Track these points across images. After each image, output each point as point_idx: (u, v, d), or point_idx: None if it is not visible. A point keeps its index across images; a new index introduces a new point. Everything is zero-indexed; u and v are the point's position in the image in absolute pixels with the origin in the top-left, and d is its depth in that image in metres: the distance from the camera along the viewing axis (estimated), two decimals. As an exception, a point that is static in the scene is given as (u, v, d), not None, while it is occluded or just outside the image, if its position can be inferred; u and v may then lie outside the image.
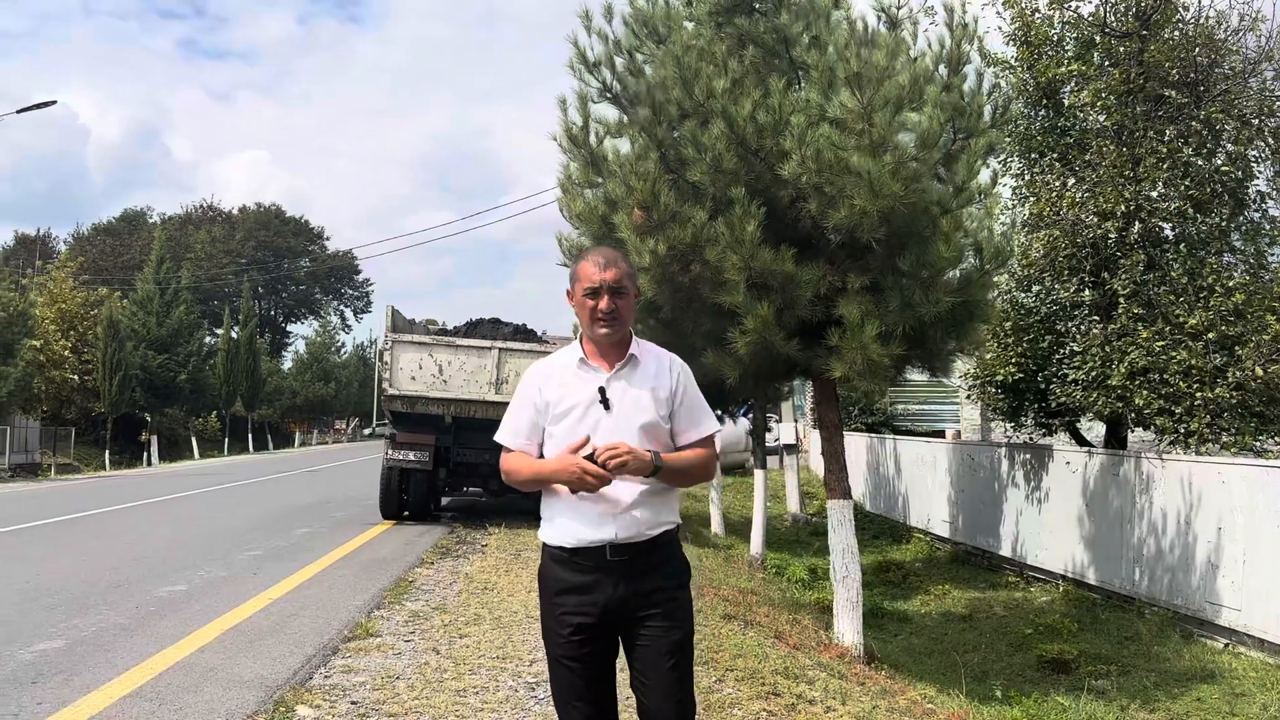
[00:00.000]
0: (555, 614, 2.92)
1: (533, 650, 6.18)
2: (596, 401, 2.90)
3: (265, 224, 73.29)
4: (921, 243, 6.77)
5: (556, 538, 2.93)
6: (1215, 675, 7.74)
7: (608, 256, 2.97)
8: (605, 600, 2.86)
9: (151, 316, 43.64)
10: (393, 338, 12.98)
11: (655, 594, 2.89)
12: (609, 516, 2.86)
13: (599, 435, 2.85)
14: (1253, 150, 10.97)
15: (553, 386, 2.97)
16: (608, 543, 2.85)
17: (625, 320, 2.94)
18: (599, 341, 2.96)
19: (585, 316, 2.94)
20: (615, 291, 2.91)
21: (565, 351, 3.07)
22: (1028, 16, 11.82)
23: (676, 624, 2.91)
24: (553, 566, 2.95)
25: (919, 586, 11.67)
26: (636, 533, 2.87)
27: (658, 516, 2.92)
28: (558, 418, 2.92)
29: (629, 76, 7.58)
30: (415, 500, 13.91)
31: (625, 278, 2.94)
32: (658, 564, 2.93)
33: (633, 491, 2.87)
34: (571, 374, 2.97)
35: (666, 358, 3.05)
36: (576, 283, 2.96)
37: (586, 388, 2.92)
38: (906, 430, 22.63)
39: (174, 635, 6.51)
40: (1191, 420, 9.64)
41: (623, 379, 2.94)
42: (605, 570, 2.87)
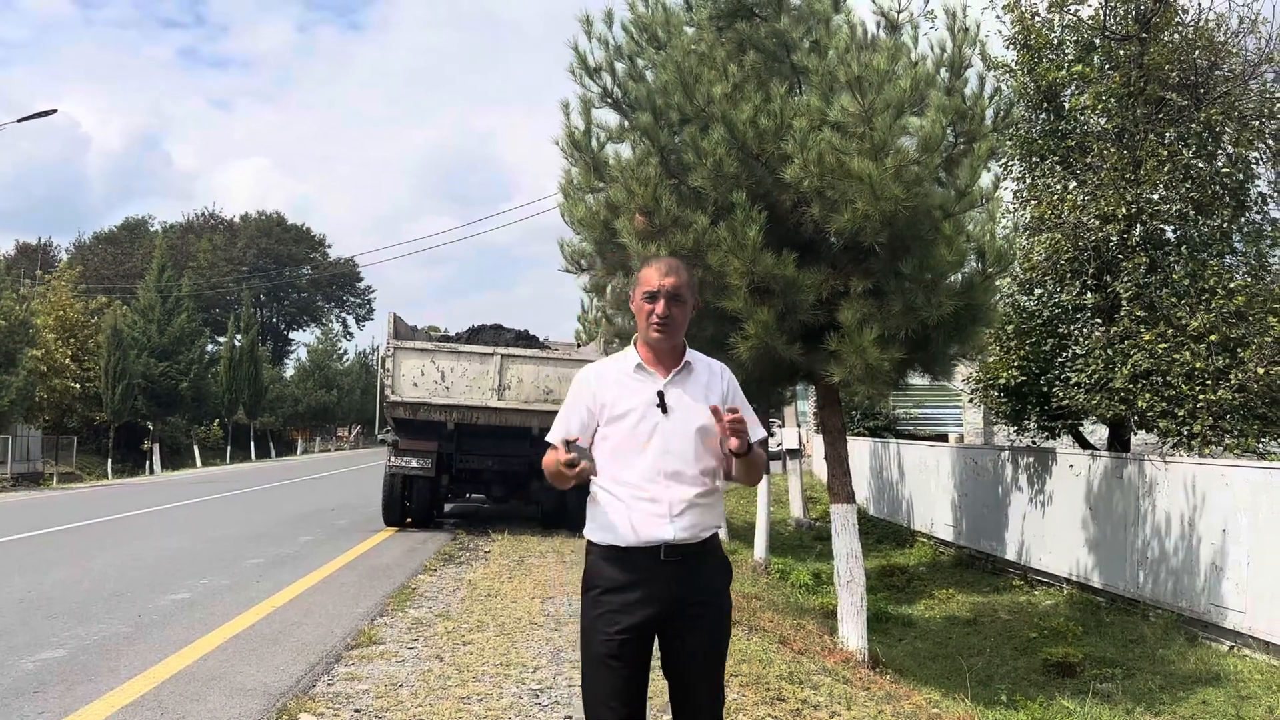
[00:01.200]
0: (601, 612, 2.94)
1: (536, 657, 6.17)
2: (654, 405, 2.97)
3: (267, 231, 73.37)
4: (924, 246, 6.76)
5: (608, 537, 2.97)
6: (1220, 678, 7.71)
7: (670, 264, 3.05)
8: (656, 600, 2.90)
9: (153, 325, 43.66)
10: (395, 344, 12.99)
11: (704, 595, 2.97)
12: (666, 518, 2.91)
13: (657, 438, 2.94)
14: (1253, 152, 10.97)
15: (609, 388, 3.03)
16: (664, 543, 2.90)
17: (679, 327, 3.01)
18: (654, 346, 3.03)
19: (642, 320, 3.02)
20: (673, 298, 2.98)
21: (620, 357, 3.13)
22: (1028, 20, 11.83)
23: (721, 625, 3.01)
24: (602, 565, 2.98)
25: (923, 591, 11.64)
26: (691, 535, 2.93)
27: (707, 520, 2.99)
28: (614, 419, 2.98)
29: (630, 81, 7.58)
30: (418, 507, 13.91)
31: (684, 287, 3.01)
32: (707, 566, 2.99)
33: (687, 494, 2.93)
34: (628, 378, 3.04)
35: (716, 365, 3.14)
36: (637, 287, 3.05)
37: (644, 392, 2.99)
38: (909, 434, 22.60)
39: (176, 644, 6.50)
40: (1194, 422, 9.62)
41: (678, 385, 3.02)
42: (657, 570, 2.91)
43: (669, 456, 2.94)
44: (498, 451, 13.58)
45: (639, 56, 7.69)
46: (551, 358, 13.44)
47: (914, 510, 16.27)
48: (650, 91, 7.18)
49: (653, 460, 2.94)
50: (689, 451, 2.96)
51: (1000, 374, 11.83)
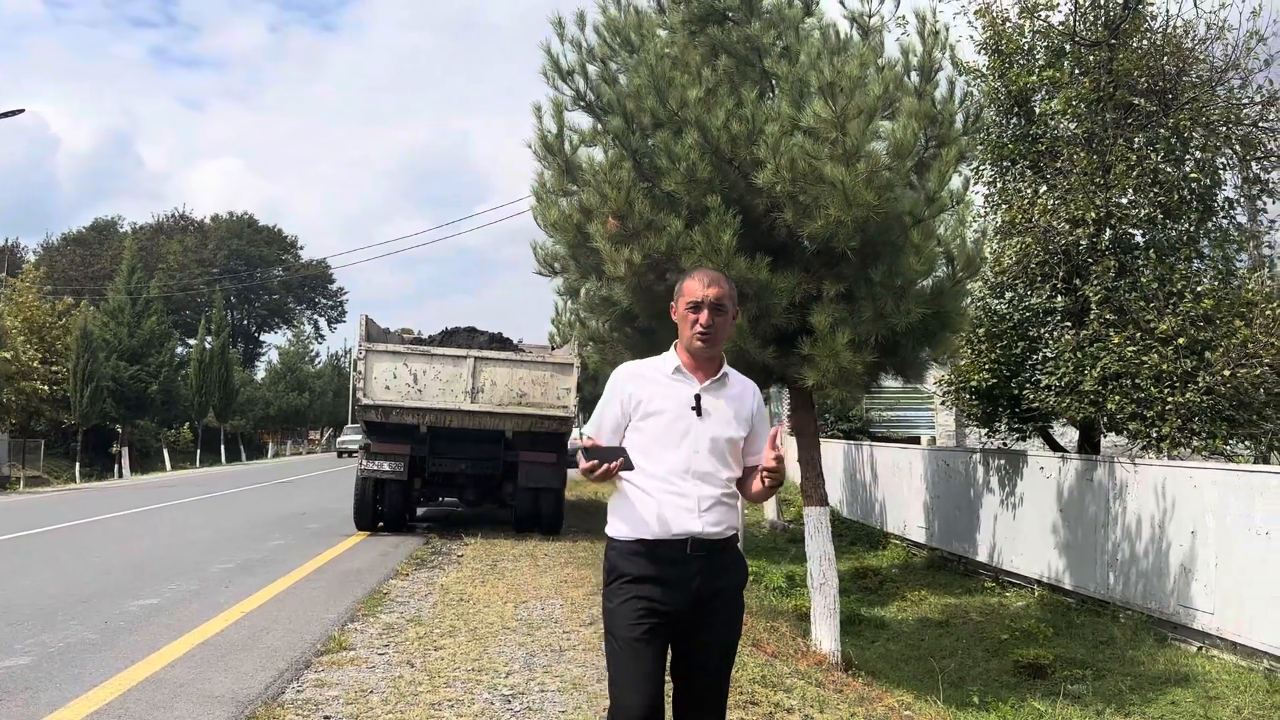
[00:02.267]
0: (628, 597, 3.02)
1: (509, 662, 6.14)
2: (690, 407, 3.09)
3: (238, 233, 72.74)
4: (894, 252, 6.79)
5: (636, 530, 3.05)
6: (1189, 678, 7.79)
7: (712, 276, 3.18)
8: (679, 593, 3.00)
9: (123, 327, 43.20)
10: (367, 347, 12.90)
11: (724, 592, 3.08)
12: (694, 513, 3.02)
13: (690, 438, 3.06)
14: (1220, 158, 11.11)
15: (644, 386, 3.14)
16: (691, 536, 3.01)
17: (722, 336, 3.15)
18: (696, 354, 3.15)
19: (685, 329, 3.14)
20: (715, 308, 3.10)
21: (658, 359, 3.25)
22: (999, 25, 11.93)
23: (735, 622, 3.14)
24: (628, 559, 3.05)
25: (895, 593, 11.69)
26: (717, 531, 3.05)
27: (730, 519, 3.12)
28: (648, 415, 3.09)
29: (603, 85, 7.57)
30: (390, 511, 13.83)
31: (726, 298, 3.14)
32: (729, 564, 3.12)
33: (714, 493, 3.06)
34: (665, 379, 3.15)
35: (750, 384, 3.27)
36: (681, 298, 3.17)
37: (681, 394, 3.11)
38: (883, 437, 22.71)
39: (144, 650, 6.42)
40: (1163, 424, 9.72)
41: (713, 393, 3.14)
42: (684, 564, 3.01)
43: (699, 457, 3.06)
44: (471, 455, 13.52)
45: (611, 60, 7.68)
46: (525, 361, 13.40)
47: (887, 512, 16.35)
48: (623, 95, 7.17)
49: (684, 458, 3.05)
50: (717, 455, 3.08)
51: (972, 377, 11.91)
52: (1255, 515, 7.90)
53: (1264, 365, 9.43)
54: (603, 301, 8.34)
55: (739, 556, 3.23)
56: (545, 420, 13.03)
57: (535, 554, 11.48)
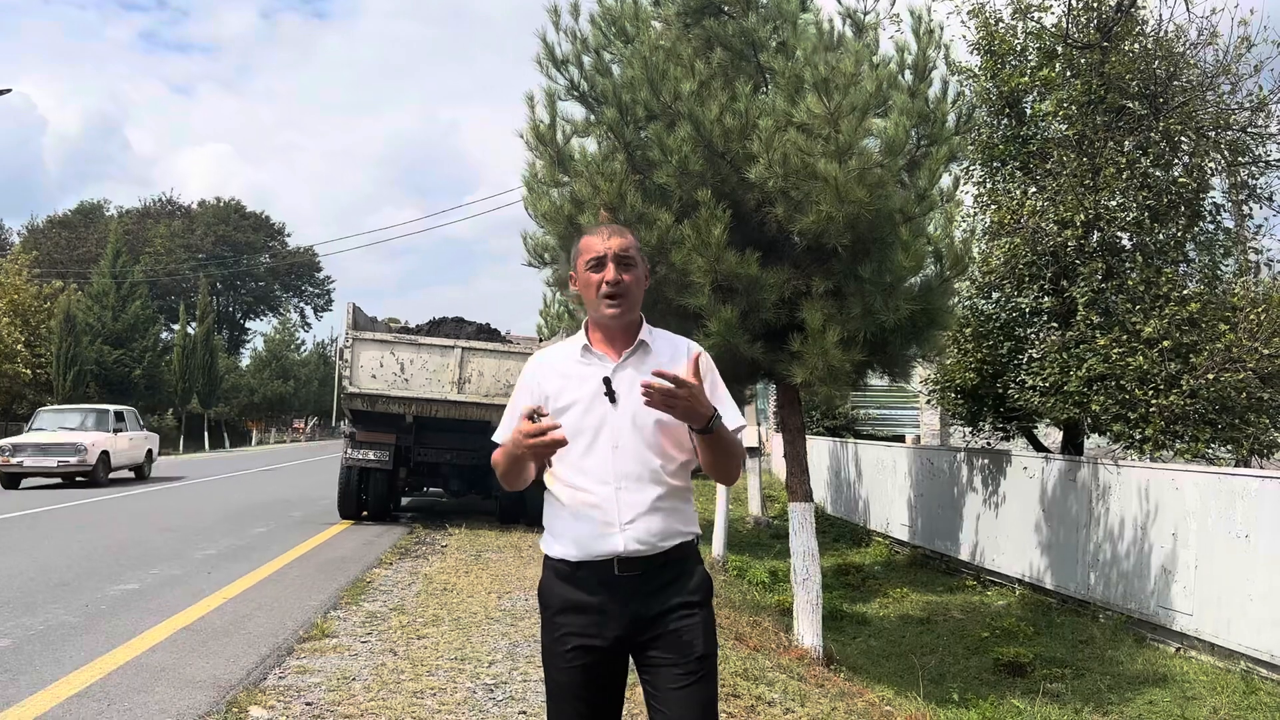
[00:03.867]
0: (556, 635, 2.59)
1: (491, 652, 6.14)
2: (601, 394, 2.55)
3: (225, 219, 72.37)
4: (884, 249, 6.80)
5: (559, 550, 2.61)
6: (1167, 679, 7.85)
7: (613, 228, 2.67)
8: (614, 622, 2.54)
9: (107, 311, 42.92)
10: (353, 335, 12.86)
11: (671, 613, 2.56)
12: (615, 526, 2.52)
13: (605, 432, 2.55)
14: (1209, 163, 11.16)
15: (553, 378, 2.64)
16: (615, 556, 2.52)
17: (634, 297, 2.61)
18: (606, 325, 2.62)
19: (591, 295, 2.61)
20: (622, 262, 2.59)
21: (569, 341, 2.75)
22: (992, 26, 11.95)
23: (694, 645, 2.57)
24: (554, 582, 2.62)
25: (878, 589, 11.73)
26: (648, 545, 2.53)
27: (672, 526, 2.57)
28: (559, 413, 2.56)
29: (596, 75, 7.55)
30: (374, 500, 13.81)
31: (633, 248, 2.62)
32: (672, 580, 2.58)
33: (643, 498, 2.54)
34: (574, 364, 2.64)
35: (683, 343, 2.72)
36: (579, 257, 2.64)
37: (591, 379, 2.58)
38: (868, 434, 22.79)
39: (125, 634, 6.40)
40: (1146, 426, 9.78)
41: (631, 368, 2.59)
42: (613, 587, 2.53)
43: (620, 454, 2.54)
44: (457, 445, 13.51)
45: (606, 50, 7.66)
46: (513, 352, 13.38)
47: (871, 510, 16.40)
48: (617, 86, 7.16)
49: (601, 459, 2.54)
50: (644, 447, 2.55)
51: (957, 376, 11.96)
52: (1235, 518, 7.96)
53: (1247, 370, 9.50)
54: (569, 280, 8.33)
55: (691, 568, 2.64)
56: (532, 412, 13.00)
57: (519, 545, 11.48)
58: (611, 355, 2.63)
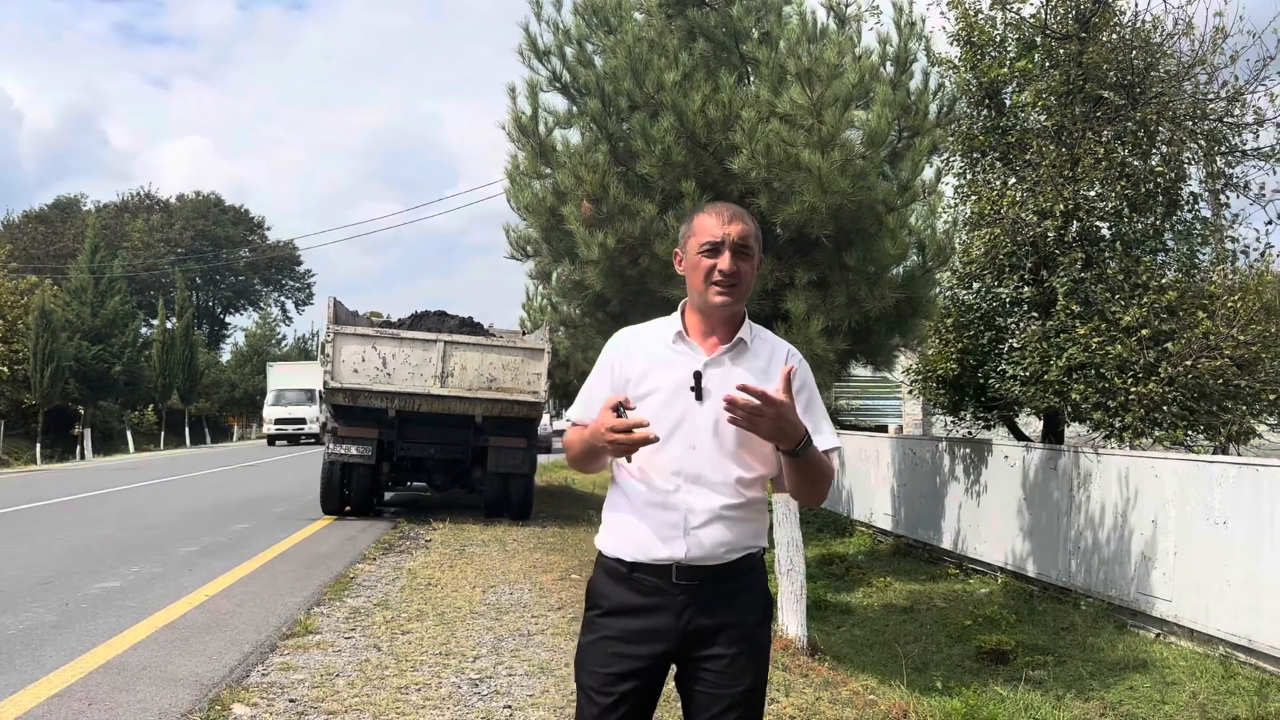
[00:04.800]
0: (597, 638, 2.43)
1: (476, 646, 6.13)
2: (688, 388, 2.37)
3: (204, 213, 71.82)
4: (867, 239, 6.82)
5: (615, 548, 2.45)
6: (1147, 664, 7.92)
7: (733, 210, 2.46)
8: (662, 634, 2.39)
9: (85, 307, 42.53)
10: (334, 329, 12.80)
11: (726, 630, 2.40)
12: (679, 531, 2.36)
13: (684, 430, 2.37)
14: (1186, 152, 11.23)
15: (639, 360, 2.46)
16: (674, 562, 2.36)
17: (746, 289, 2.43)
18: (710, 314, 2.43)
19: (698, 280, 2.41)
20: (740, 251, 2.39)
21: (660, 323, 2.54)
22: (971, 17, 11.98)
23: (747, 669, 2.42)
24: (606, 581, 2.46)
25: (861, 579, 11.78)
26: (710, 554, 2.37)
27: (739, 538, 2.42)
28: (639, 398, 2.38)
29: (579, 66, 7.52)
30: (357, 495, 13.76)
31: (752, 237, 2.43)
32: (733, 594, 2.43)
33: (712, 504, 2.38)
34: (664, 348, 2.46)
35: (783, 349, 2.52)
36: (691, 238, 2.45)
37: (679, 369, 2.40)
38: (851, 425, 22.86)
39: (106, 633, 6.35)
40: (1126, 414, 9.86)
41: (724, 365, 2.41)
42: (668, 595, 2.37)
43: (694, 455, 2.38)
44: (440, 439, 13.48)
45: (588, 41, 7.64)
46: (496, 345, 13.36)
47: (854, 500, 16.47)
48: (600, 77, 7.14)
49: (675, 457, 2.37)
50: (722, 451, 2.38)
51: (939, 366, 12.01)
52: (1214, 505, 8.04)
53: (1224, 357, 9.58)
54: (575, 286, 8.31)
55: (755, 584, 2.48)
56: (516, 405, 13.00)
57: (504, 539, 11.47)
58: (707, 348, 2.45)
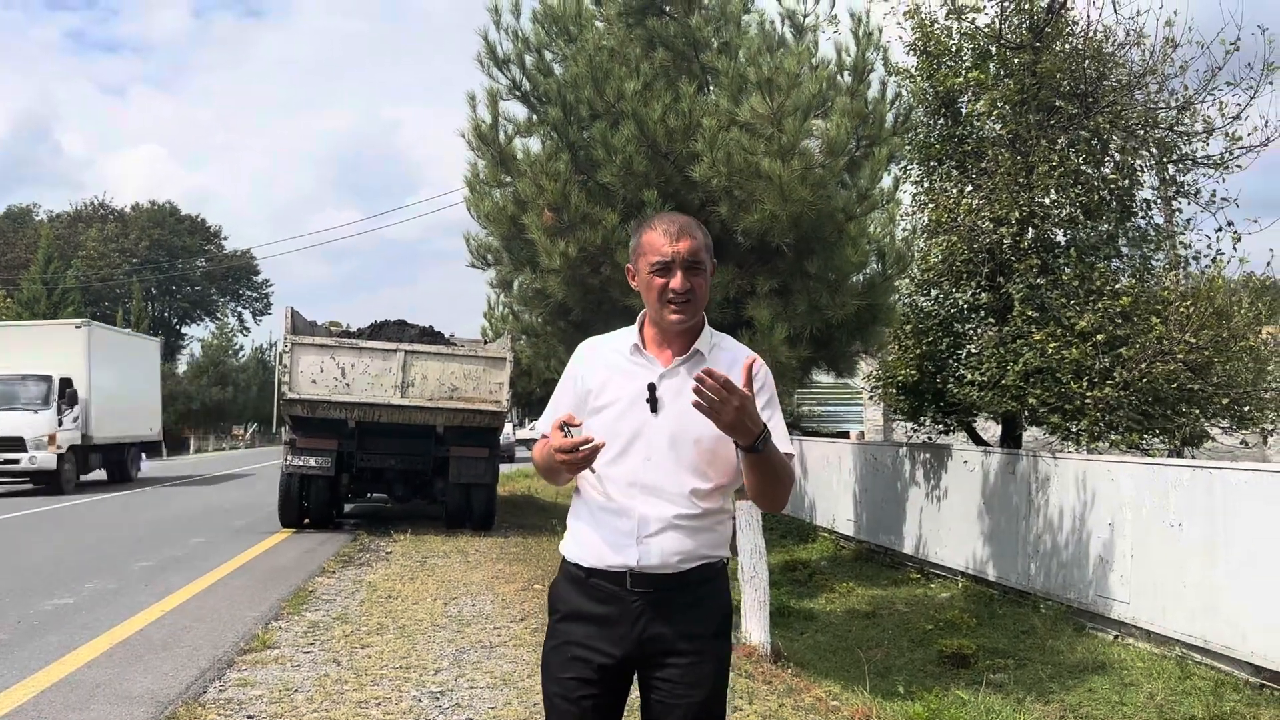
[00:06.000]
0: (559, 643, 2.46)
1: (438, 659, 6.07)
2: (644, 399, 2.37)
3: (159, 222, 70.77)
4: (828, 248, 6.87)
5: (575, 553, 2.47)
6: (1106, 666, 8.02)
7: (681, 224, 2.42)
8: (619, 639, 2.39)
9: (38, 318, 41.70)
10: (292, 340, 12.66)
11: (682, 640, 2.39)
12: (632, 539, 2.37)
13: (640, 441, 2.38)
14: (1138, 160, 11.43)
15: (599, 371, 2.47)
16: (628, 570, 2.37)
17: (701, 302, 2.43)
18: (666, 329, 2.43)
19: (653, 298, 2.41)
20: (691, 267, 2.38)
21: (622, 333, 2.55)
22: (927, 27, 12.12)
23: (703, 680, 2.41)
24: (566, 586, 2.49)
25: (824, 585, 11.83)
26: (663, 563, 2.37)
27: (694, 548, 2.40)
28: (597, 410, 2.42)
29: (539, 75, 7.51)
30: (316, 507, 13.59)
31: (702, 250, 2.41)
32: (689, 605, 2.42)
33: (665, 514, 2.37)
34: (622, 360, 2.46)
35: (743, 351, 2.51)
36: (641, 257, 2.43)
37: (636, 381, 2.41)
38: (813, 431, 22.98)
39: (59, 650, 6.22)
40: (1082, 418, 9.99)
41: (680, 377, 2.40)
42: (624, 603, 2.38)
43: (649, 466, 2.38)
44: (401, 450, 13.37)
45: (548, 49, 7.63)
46: (457, 354, 13.28)
47: (817, 506, 16.55)
48: (560, 85, 7.13)
49: (631, 468, 2.38)
50: (678, 463, 2.38)
51: (899, 372, 12.11)
52: (1169, 508, 8.16)
53: (1178, 361, 9.75)
54: (536, 294, 8.28)
55: (713, 594, 2.48)
56: (477, 415, 12.92)
57: (466, 550, 11.39)
58: (663, 358, 2.46)
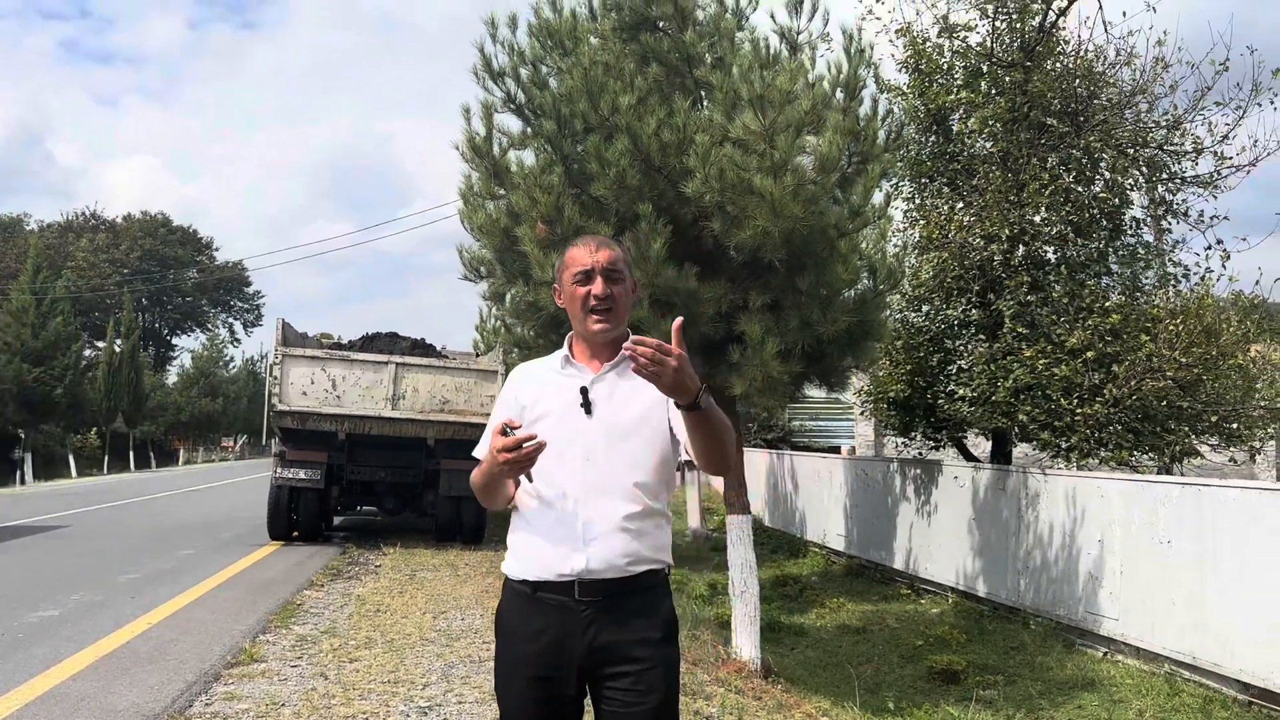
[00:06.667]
0: (512, 661, 2.49)
1: (425, 674, 6.04)
2: (578, 404, 2.48)
3: (151, 232, 70.67)
4: (820, 263, 6.89)
5: (519, 570, 2.52)
6: (1095, 683, 8.01)
7: (600, 239, 2.60)
8: (573, 651, 2.42)
9: (26, 328, 41.54)
10: (283, 351, 12.63)
11: (633, 647, 2.43)
12: (579, 543, 2.41)
13: (578, 444, 2.46)
14: (1128, 179, 11.50)
15: (531, 388, 2.58)
16: (576, 577, 2.41)
17: (622, 313, 2.54)
18: (592, 339, 2.54)
19: (577, 309, 2.53)
20: (610, 276, 2.50)
21: (552, 355, 2.69)
22: (919, 45, 12.19)
23: (655, 687, 2.44)
24: (513, 603, 2.53)
25: (815, 600, 11.81)
26: (611, 565, 2.41)
27: (640, 549, 2.46)
28: (532, 423, 2.48)
29: (534, 88, 7.53)
30: (305, 520, 13.53)
31: (621, 261, 2.55)
32: (636, 611, 2.46)
33: (611, 515, 2.43)
34: (554, 374, 2.58)
35: None
36: (565, 270, 2.56)
37: (569, 389, 2.51)
38: (805, 446, 23.00)
39: (44, 663, 6.17)
40: (1071, 435, 10.01)
41: (610, 381, 2.52)
42: (573, 613, 2.42)
43: (591, 466, 2.45)
44: (391, 463, 13.33)
45: (543, 63, 7.65)
46: (449, 367, 13.26)
47: (808, 521, 16.54)
48: (555, 99, 7.15)
49: (571, 471, 2.45)
50: (618, 461, 2.46)
51: (890, 387, 12.13)
52: (1158, 525, 8.18)
53: (1167, 379, 9.78)
54: (529, 307, 8.28)
55: (659, 601, 2.53)
56: (468, 428, 12.89)
57: (456, 564, 11.34)
58: (593, 367, 2.56)
